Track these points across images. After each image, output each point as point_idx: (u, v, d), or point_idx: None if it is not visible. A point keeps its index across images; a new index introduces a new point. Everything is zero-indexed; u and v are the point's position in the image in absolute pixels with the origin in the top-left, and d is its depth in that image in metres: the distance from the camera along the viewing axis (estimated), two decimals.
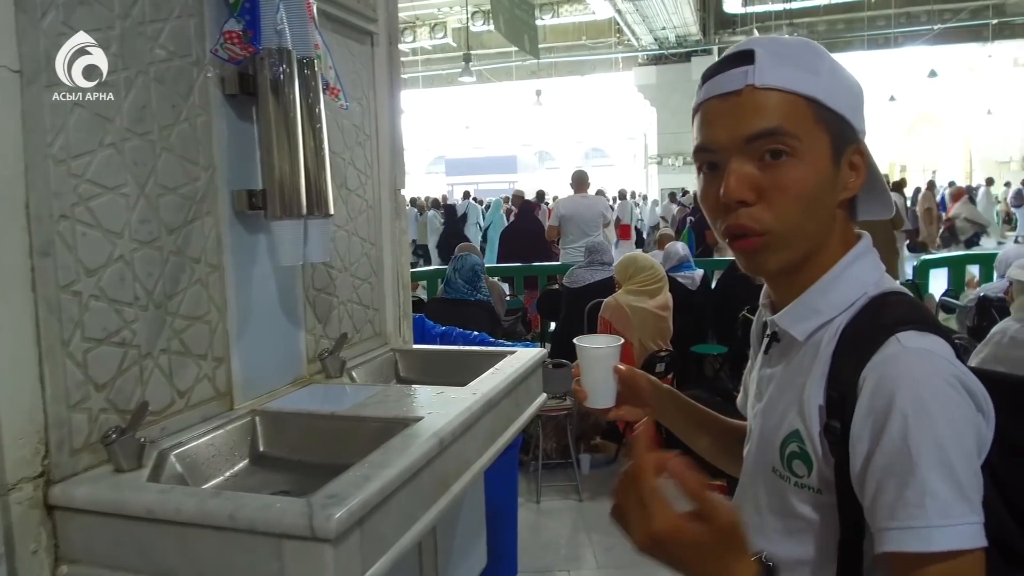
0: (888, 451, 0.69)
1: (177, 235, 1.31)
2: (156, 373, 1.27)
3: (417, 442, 1.21)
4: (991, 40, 15.87)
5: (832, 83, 0.79)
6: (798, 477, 0.80)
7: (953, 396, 0.69)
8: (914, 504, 0.66)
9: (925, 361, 0.71)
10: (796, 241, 0.79)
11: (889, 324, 0.75)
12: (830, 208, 0.81)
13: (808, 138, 0.77)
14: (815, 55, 0.80)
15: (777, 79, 0.77)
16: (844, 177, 0.81)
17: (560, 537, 3.45)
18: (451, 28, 18.00)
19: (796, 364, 0.84)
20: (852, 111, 0.81)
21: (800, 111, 0.77)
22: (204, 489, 1.15)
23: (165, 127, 1.28)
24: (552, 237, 6.45)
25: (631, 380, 1.06)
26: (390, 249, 2.05)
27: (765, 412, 0.87)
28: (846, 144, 0.80)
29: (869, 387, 0.72)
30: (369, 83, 1.96)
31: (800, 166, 0.77)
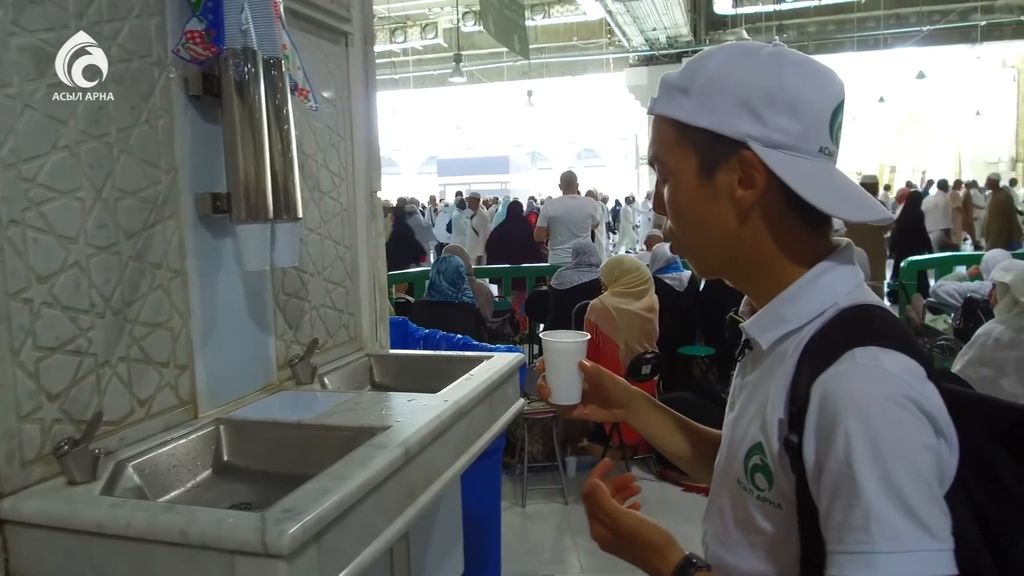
0: (834, 471, 0.66)
1: (136, 240, 1.28)
2: (114, 382, 1.24)
3: (382, 453, 1.18)
4: (980, 41, 15.92)
5: (703, 98, 0.78)
6: (760, 491, 0.78)
7: (904, 417, 0.66)
8: (859, 528, 0.64)
9: (875, 379, 0.68)
10: (699, 249, 0.85)
11: (848, 338, 0.72)
12: (722, 220, 0.80)
13: (673, 161, 0.82)
14: (694, 70, 0.80)
15: (658, 105, 0.82)
16: (728, 190, 0.79)
17: (545, 541, 3.42)
18: (442, 28, 17.95)
19: (764, 374, 0.81)
20: (731, 119, 0.77)
21: (668, 135, 0.82)
22: (157, 503, 1.12)
23: (124, 129, 1.25)
24: (541, 238, 6.42)
25: (596, 378, 1.04)
26: (366, 252, 2.02)
27: (735, 422, 0.85)
28: (720, 158, 0.78)
29: (816, 403, 0.69)
30: (343, 84, 1.93)
31: (672, 187, 0.83)
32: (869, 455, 0.65)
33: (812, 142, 0.77)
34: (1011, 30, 15.94)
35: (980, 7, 14.95)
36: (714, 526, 0.86)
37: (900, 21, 15.84)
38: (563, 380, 1.01)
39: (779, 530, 0.76)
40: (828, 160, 0.79)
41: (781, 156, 0.76)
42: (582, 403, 1.04)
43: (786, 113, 0.75)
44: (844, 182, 0.80)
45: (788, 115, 0.75)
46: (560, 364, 1.01)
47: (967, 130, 22.13)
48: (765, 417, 0.77)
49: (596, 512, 0.90)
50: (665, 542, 0.83)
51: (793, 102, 0.75)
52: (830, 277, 0.79)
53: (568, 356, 1.01)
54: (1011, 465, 0.74)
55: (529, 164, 31.21)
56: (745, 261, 0.82)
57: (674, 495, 3.79)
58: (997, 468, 0.73)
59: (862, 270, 0.84)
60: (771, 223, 0.79)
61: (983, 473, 0.72)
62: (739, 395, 0.87)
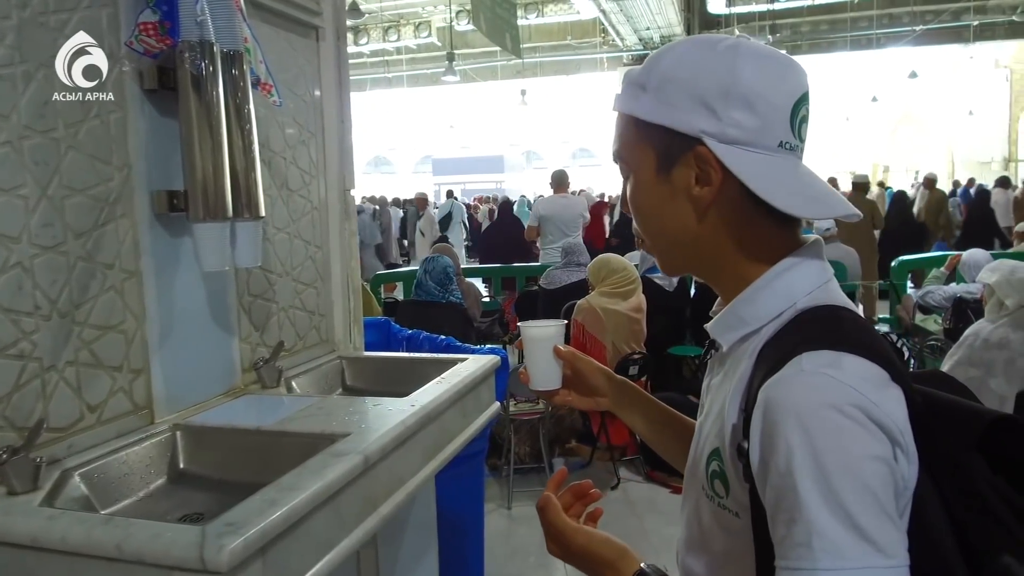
0: (775, 484, 0.63)
1: (86, 239, 1.23)
2: (61, 386, 1.19)
3: (339, 461, 1.13)
4: (972, 41, 15.92)
5: (659, 93, 0.76)
6: (720, 498, 0.75)
7: (847, 426, 0.62)
8: (801, 543, 0.60)
9: (819, 387, 0.64)
10: (665, 247, 0.83)
11: (800, 341, 0.68)
12: (682, 218, 0.78)
13: (633, 157, 0.80)
14: (652, 65, 0.78)
15: (619, 102, 0.81)
16: (685, 187, 0.76)
17: (530, 544, 3.38)
18: (435, 27, 17.89)
19: (725, 376, 0.79)
20: (685, 114, 0.74)
21: (629, 131, 0.80)
22: (95, 516, 1.07)
23: (72, 124, 1.20)
24: (531, 237, 6.38)
25: (574, 363, 1.04)
26: (339, 252, 1.97)
27: (700, 426, 0.83)
28: (676, 155, 0.76)
29: (759, 410, 0.66)
30: (314, 79, 1.88)
31: (633, 184, 0.81)
32: (810, 467, 0.61)
33: (770, 137, 0.73)
34: (1004, 30, 15.95)
35: (972, 7, 14.96)
36: (684, 533, 0.84)
37: (893, 21, 15.84)
38: (541, 365, 1.02)
39: (738, 539, 0.73)
40: (790, 154, 0.75)
41: (737, 151, 0.72)
42: (564, 389, 1.04)
43: (741, 107, 0.72)
44: (808, 178, 0.76)
45: (743, 109, 0.72)
46: (537, 350, 1.02)
47: (960, 130, 22.16)
48: (723, 422, 0.74)
49: (547, 528, 0.87)
50: (618, 554, 0.80)
51: (748, 96, 0.72)
52: (790, 276, 0.75)
53: (544, 342, 1.02)
54: (987, 474, 0.69)
55: (524, 163, 31.18)
56: (708, 259, 0.79)
57: (662, 497, 3.76)
58: (973, 477, 0.69)
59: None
60: (731, 220, 0.76)
61: (958, 483, 0.68)
62: (705, 397, 0.84)
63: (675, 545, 0.86)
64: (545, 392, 1.04)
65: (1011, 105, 21.54)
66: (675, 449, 1.03)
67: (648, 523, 3.50)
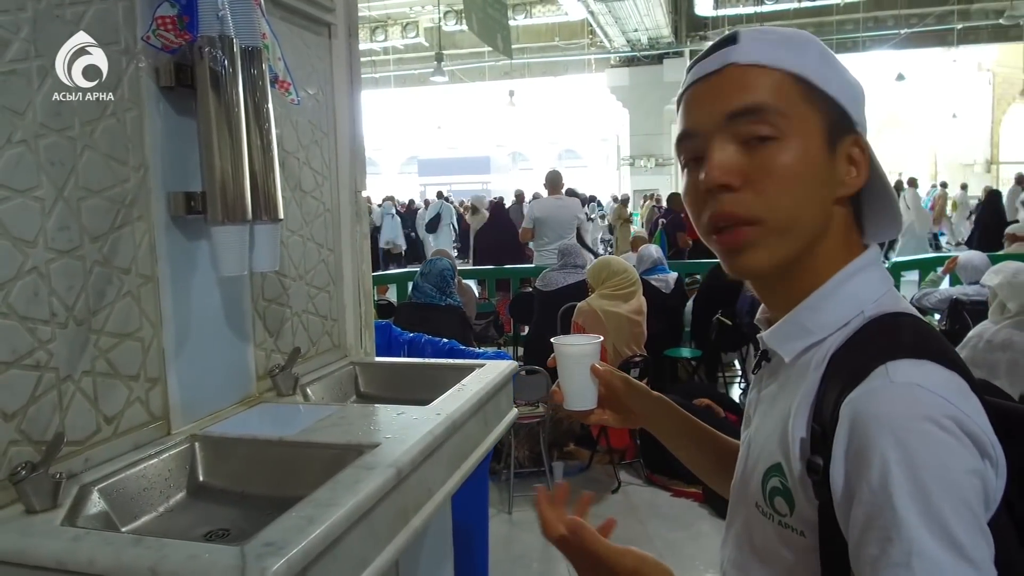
0: (868, 501, 0.59)
1: (102, 243, 1.17)
2: (78, 398, 1.13)
3: (371, 475, 1.08)
4: (956, 45, 16.09)
5: (823, 67, 0.72)
6: (780, 516, 0.71)
7: (945, 440, 0.59)
8: (900, 564, 0.57)
9: (912, 398, 0.61)
10: (788, 233, 0.70)
11: (880, 351, 0.65)
12: (825, 202, 0.71)
13: (796, 117, 0.69)
14: (805, 39, 0.73)
15: (760, 55, 0.71)
16: (841, 171, 0.72)
17: (532, 550, 3.34)
18: (423, 27, 17.82)
19: (784, 388, 0.75)
20: (849, 100, 0.72)
21: (787, 88, 0.70)
22: (123, 536, 1.02)
23: (88, 122, 1.15)
24: (526, 239, 6.34)
25: (610, 382, 0.99)
26: (350, 255, 1.93)
27: (751, 440, 0.78)
28: (842, 132, 0.72)
29: (846, 424, 0.62)
30: (326, 77, 1.83)
31: (788, 149, 0.69)
32: (909, 483, 0.57)
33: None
34: (987, 34, 16.15)
35: (956, 11, 15.13)
36: (732, 553, 0.79)
37: (878, 24, 16.00)
38: (577, 385, 0.97)
39: (802, 559, 0.69)
40: None
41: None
42: (599, 407, 1.00)
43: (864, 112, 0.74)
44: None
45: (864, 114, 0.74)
46: (573, 368, 0.97)
47: (943, 132, 22.40)
48: (785, 436, 0.70)
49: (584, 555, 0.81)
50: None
51: (863, 100, 0.74)
52: (855, 283, 0.72)
53: (581, 360, 0.97)
54: None
55: (511, 164, 31.17)
56: (805, 255, 0.72)
57: (663, 500, 3.73)
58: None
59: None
60: (842, 218, 0.74)
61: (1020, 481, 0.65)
62: (755, 410, 0.80)
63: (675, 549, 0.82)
64: (580, 412, 0.99)
65: (994, 108, 21.80)
66: (709, 466, 1.00)
67: (651, 527, 3.46)
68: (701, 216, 0.73)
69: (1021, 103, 21.44)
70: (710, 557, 3.16)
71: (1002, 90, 21.73)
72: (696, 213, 0.74)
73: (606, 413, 1.01)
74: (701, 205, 0.73)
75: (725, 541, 0.82)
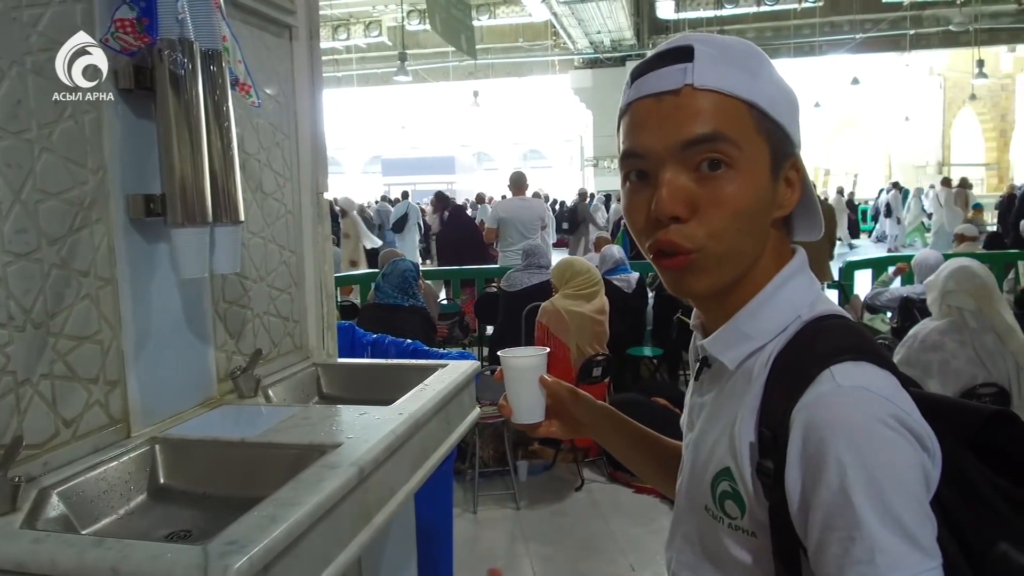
0: (827, 503, 0.63)
1: (61, 246, 1.17)
2: (36, 401, 1.13)
3: (333, 474, 1.10)
4: (908, 50, 16.55)
5: (772, 89, 0.72)
6: (731, 519, 0.73)
7: (893, 439, 0.63)
8: (864, 561, 0.61)
9: (860, 402, 0.64)
10: (728, 261, 0.72)
11: (822, 355, 0.68)
12: (765, 226, 0.74)
13: (748, 148, 0.70)
14: (756, 57, 0.73)
15: (718, 80, 0.69)
16: (781, 194, 0.75)
17: (497, 548, 3.36)
18: (386, 26, 17.73)
19: (727, 393, 0.77)
20: (790, 121, 0.74)
21: (741, 117, 0.70)
22: (85, 537, 1.02)
23: (46, 125, 1.14)
24: (490, 239, 6.36)
25: (557, 392, 0.98)
26: (312, 257, 1.93)
27: (696, 444, 0.80)
28: (784, 157, 0.74)
29: (800, 429, 0.65)
30: (288, 79, 1.83)
31: (739, 179, 0.70)
32: (865, 484, 0.61)
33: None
34: (938, 39, 16.63)
35: (909, 17, 15.54)
36: (682, 554, 0.81)
37: (834, 29, 16.35)
38: (525, 398, 0.95)
39: (755, 559, 0.72)
40: None
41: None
42: (546, 419, 0.98)
43: (799, 124, 0.75)
44: None
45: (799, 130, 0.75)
46: (520, 381, 0.95)
47: (897, 135, 22.99)
48: (734, 441, 0.72)
49: None
50: None
51: (799, 114, 0.76)
52: (791, 287, 0.75)
53: (528, 372, 0.95)
54: (980, 467, 0.71)
55: (475, 164, 31.15)
56: (747, 271, 0.75)
57: (625, 497, 3.78)
58: (967, 472, 0.70)
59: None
60: (775, 233, 0.77)
61: (953, 479, 0.70)
62: (698, 415, 0.82)
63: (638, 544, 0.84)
64: (529, 425, 0.97)
65: (945, 111, 22.46)
66: (654, 469, 1.02)
67: (613, 524, 3.51)
68: (645, 237, 0.74)
69: (970, 107, 22.13)
70: None
71: (952, 94, 22.41)
72: (639, 232, 0.75)
73: (553, 425, 0.99)
74: (646, 227, 0.73)
75: (671, 542, 0.84)
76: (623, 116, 0.76)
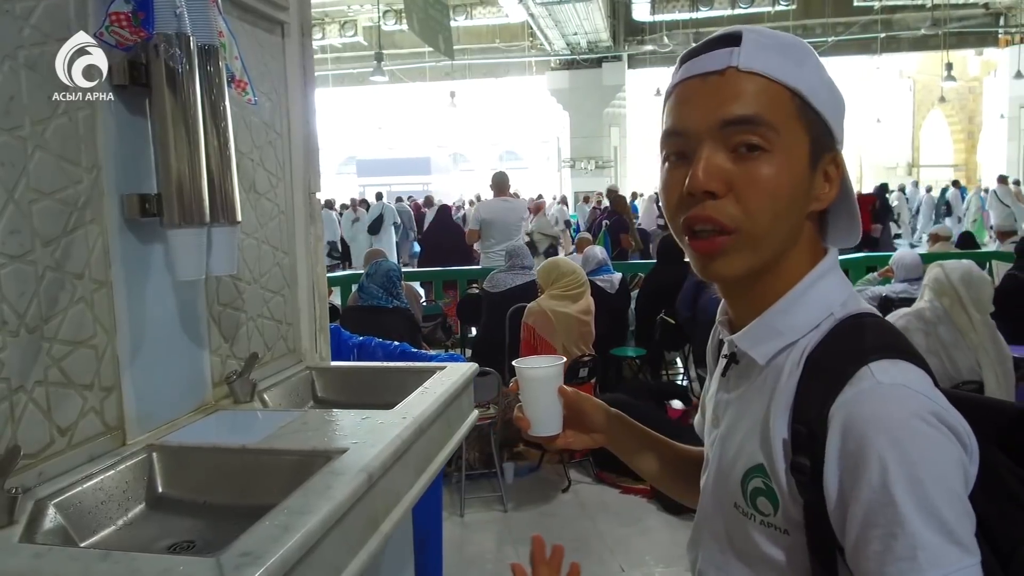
0: (868, 500, 0.62)
1: (55, 247, 1.13)
2: (31, 409, 1.09)
3: (343, 480, 1.07)
4: (879, 53, 16.84)
5: (816, 81, 0.73)
6: (763, 515, 0.72)
7: (934, 436, 0.63)
8: (906, 558, 0.60)
9: (901, 399, 0.64)
10: (763, 244, 0.72)
11: (859, 352, 0.68)
12: (800, 215, 0.74)
13: (787, 133, 0.70)
14: (803, 49, 0.74)
15: (763, 64, 0.70)
16: (817, 187, 0.74)
17: (486, 552, 3.34)
18: (362, 26, 17.60)
19: (756, 390, 0.76)
20: (833, 116, 0.74)
21: (782, 103, 0.71)
22: (90, 551, 0.98)
23: (39, 122, 1.10)
24: (472, 241, 6.33)
25: (577, 404, 0.96)
26: (304, 258, 1.89)
27: (723, 441, 0.79)
28: (824, 150, 0.74)
29: (839, 426, 0.65)
30: (280, 77, 1.79)
31: (775, 163, 0.70)
32: (907, 480, 0.61)
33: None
34: (908, 43, 16.95)
35: (880, 20, 15.81)
36: (709, 552, 0.81)
37: (807, 32, 16.57)
38: (543, 410, 0.92)
39: (787, 556, 0.71)
40: None
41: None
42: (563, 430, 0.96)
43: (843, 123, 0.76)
44: None
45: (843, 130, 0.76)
46: (539, 393, 0.92)
47: (868, 136, 23.36)
48: (767, 437, 0.72)
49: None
50: None
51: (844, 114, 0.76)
52: (825, 284, 0.75)
53: (548, 383, 0.92)
54: (1010, 465, 0.72)
55: (451, 165, 31.07)
56: (779, 263, 0.75)
57: (612, 497, 3.78)
58: (998, 470, 0.71)
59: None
60: (812, 227, 0.76)
61: (982, 477, 0.69)
62: (724, 411, 0.81)
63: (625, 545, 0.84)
64: (547, 438, 0.94)
65: (914, 113, 22.88)
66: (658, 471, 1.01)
67: (601, 524, 3.51)
68: (678, 215, 0.74)
69: (939, 109, 22.57)
70: (659, 551, 3.22)
71: (922, 96, 22.84)
72: (672, 210, 0.75)
73: (570, 435, 0.97)
74: (680, 204, 0.73)
75: (696, 541, 0.83)
76: (668, 97, 0.76)
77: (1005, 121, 17.76)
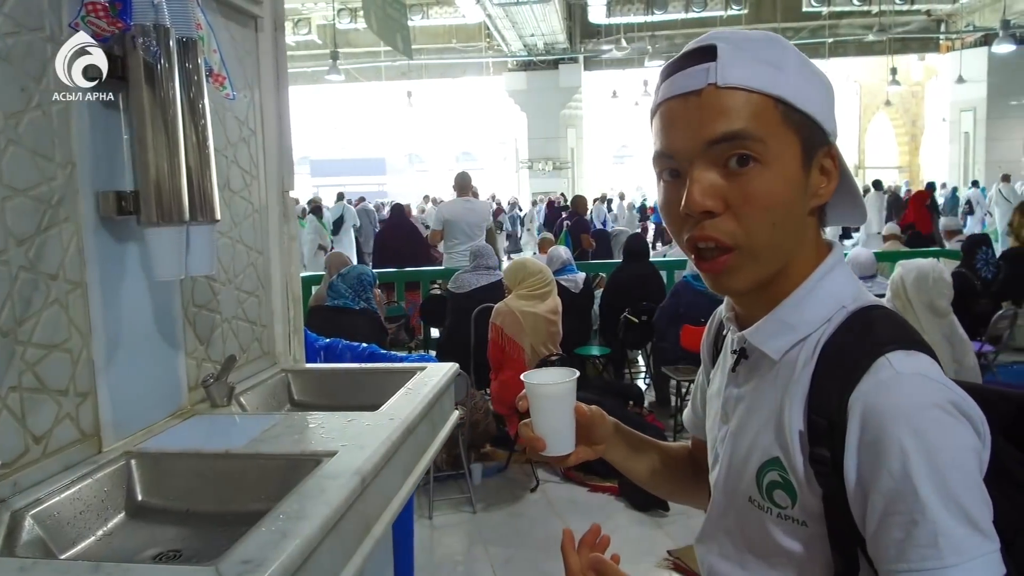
0: (889, 488, 0.63)
1: (28, 246, 1.08)
2: (5, 416, 1.03)
3: (336, 483, 1.05)
4: (827, 57, 17.29)
5: (800, 80, 0.72)
6: (780, 508, 0.73)
7: (953, 424, 0.64)
8: (927, 545, 0.61)
9: (920, 388, 0.65)
10: (767, 256, 0.72)
11: (876, 343, 0.69)
12: (801, 217, 0.74)
13: (775, 142, 0.70)
14: (781, 49, 0.73)
15: (741, 77, 0.69)
16: (815, 183, 0.74)
17: (456, 553, 3.32)
18: (316, 24, 17.35)
19: (769, 384, 0.76)
20: (822, 110, 0.74)
21: (766, 112, 0.70)
22: (77, 563, 0.94)
23: (12, 115, 1.05)
24: (435, 241, 6.29)
25: (590, 419, 0.92)
26: (278, 258, 1.85)
27: (735, 436, 0.79)
28: (816, 147, 0.73)
29: (858, 416, 0.66)
30: (254, 72, 1.75)
31: (768, 174, 0.70)
32: (928, 469, 0.62)
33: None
34: (854, 48, 17.44)
35: (828, 25, 16.24)
36: (722, 547, 0.81)
37: None
38: (559, 427, 0.87)
39: (805, 548, 0.72)
40: None
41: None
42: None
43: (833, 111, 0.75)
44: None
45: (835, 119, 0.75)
46: (554, 410, 0.87)
47: None
48: (782, 430, 0.72)
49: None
50: None
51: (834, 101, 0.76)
52: (834, 278, 0.76)
53: (563, 400, 0.87)
54: (1015, 453, 0.73)
55: (407, 166, 30.88)
56: (785, 264, 0.75)
57: (580, 496, 3.80)
58: (1002, 458, 0.72)
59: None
60: (814, 224, 0.76)
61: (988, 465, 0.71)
62: (734, 407, 0.81)
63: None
64: (560, 457, 0.89)
65: (860, 116, 23.54)
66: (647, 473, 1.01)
67: (570, 523, 3.49)
68: (681, 234, 0.74)
69: (884, 112, 23.28)
70: (630, 549, 3.23)
71: (868, 99, 23.52)
72: (676, 229, 0.75)
73: (581, 451, 0.93)
74: (681, 224, 0.73)
75: (709, 536, 0.83)
76: (654, 116, 0.76)
77: (947, 124, 18.41)
